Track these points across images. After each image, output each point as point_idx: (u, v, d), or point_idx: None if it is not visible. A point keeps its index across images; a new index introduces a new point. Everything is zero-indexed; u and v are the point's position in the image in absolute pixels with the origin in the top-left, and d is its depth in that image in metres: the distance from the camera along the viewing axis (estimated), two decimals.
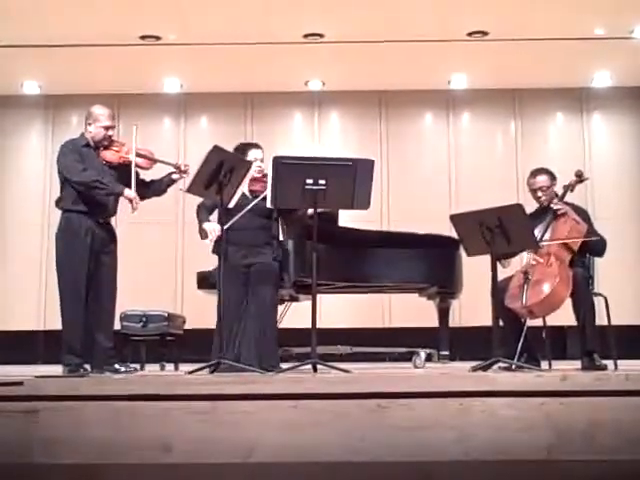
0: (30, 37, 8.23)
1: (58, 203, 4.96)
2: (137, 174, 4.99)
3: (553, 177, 5.26)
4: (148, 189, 5.10)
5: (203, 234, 4.94)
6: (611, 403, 1.91)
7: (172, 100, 9.90)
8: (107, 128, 4.97)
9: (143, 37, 8.37)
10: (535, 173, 5.28)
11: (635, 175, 9.86)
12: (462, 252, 5.73)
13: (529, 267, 4.84)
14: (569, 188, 5.14)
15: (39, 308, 9.42)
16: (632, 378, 2.94)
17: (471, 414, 1.82)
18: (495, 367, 4.60)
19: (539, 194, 5.19)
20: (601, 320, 5.02)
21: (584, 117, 9.99)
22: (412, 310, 7.91)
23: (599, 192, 9.69)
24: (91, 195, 4.84)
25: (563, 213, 4.95)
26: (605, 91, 9.83)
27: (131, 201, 4.84)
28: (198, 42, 8.44)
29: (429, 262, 5.67)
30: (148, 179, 5.14)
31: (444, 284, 6.05)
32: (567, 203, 5.14)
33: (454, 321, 5.42)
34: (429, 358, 6.12)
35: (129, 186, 4.95)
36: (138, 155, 4.96)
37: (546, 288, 4.69)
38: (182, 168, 5.05)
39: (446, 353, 6.10)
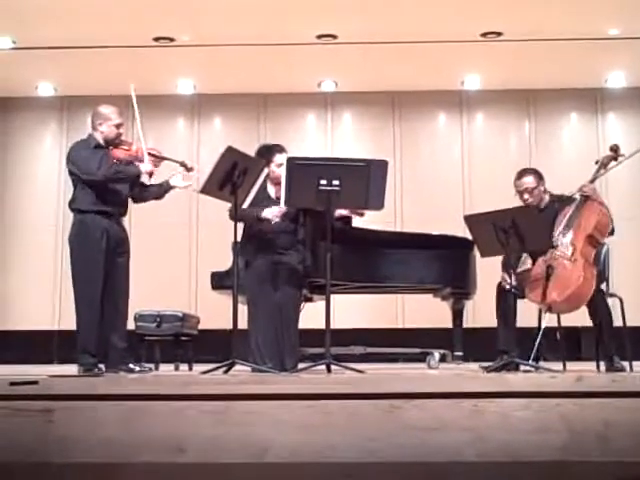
0: (45, 39, 8.28)
1: (71, 204, 4.98)
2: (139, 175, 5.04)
3: (540, 177, 5.14)
4: (149, 192, 5.12)
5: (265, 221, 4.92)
6: (626, 404, 1.90)
7: (186, 101, 9.94)
8: (118, 126, 5.02)
9: (157, 39, 8.41)
10: (521, 174, 5.17)
11: None
12: (476, 253, 5.73)
13: (553, 259, 4.72)
14: (602, 166, 4.96)
15: (54, 308, 9.47)
16: None
17: (485, 415, 1.82)
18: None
19: (525, 196, 5.09)
20: (616, 321, 4.99)
21: (599, 118, 9.94)
22: (426, 311, 7.90)
23: (614, 193, 9.63)
24: (110, 189, 4.88)
25: (588, 196, 4.82)
26: (619, 91, 9.78)
27: (151, 175, 4.89)
28: (211, 43, 8.46)
29: (443, 263, 5.65)
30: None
31: (458, 285, 6.03)
32: (562, 197, 5.05)
33: (468, 322, 5.39)
34: (443, 359, 6.11)
35: (136, 185, 5.00)
36: (148, 154, 4.99)
37: (570, 288, 4.59)
38: (188, 166, 5.07)
39: (460, 354, 6.08)
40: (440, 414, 1.79)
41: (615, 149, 5.02)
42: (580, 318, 4.99)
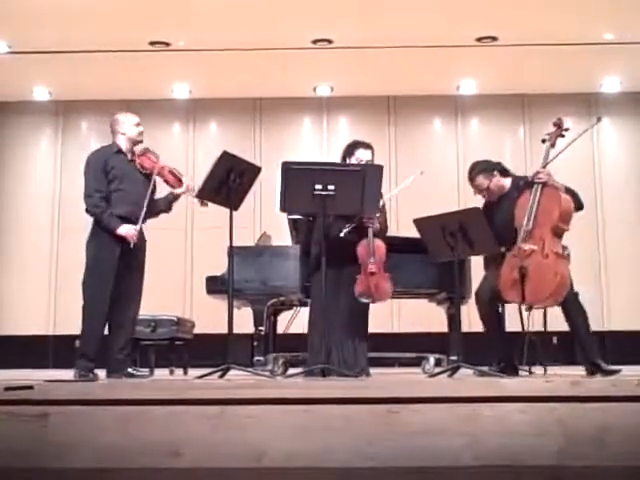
0: (40, 43, 8.28)
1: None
2: (154, 189, 5.03)
3: (489, 171, 5.02)
4: (155, 206, 5.11)
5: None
6: (622, 409, 1.90)
7: (181, 106, 9.94)
8: (137, 124, 5.06)
9: (152, 43, 8.41)
10: (470, 177, 5.08)
11: None
12: (472, 257, 5.72)
13: (524, 257, 4.54)
14: (550, 146, 4.80)
15: (48, 312, 9.45)
16: None
17: (481, 419, 1.82)
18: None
19: (485, 195, 5.06)
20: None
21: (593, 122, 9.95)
22: (421, 315, 7.90)
23: (608, 196, 9.68)
24: (128, 196, 4.89)
25: (544, 183, 4.66)
26: (614, 96, 9.81)
27: (126, 237, 4.82)
28: (207, 48, 8.47)
29: (438, 267, 5.64)
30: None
31: (453, 289, 6.03)
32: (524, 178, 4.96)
33: (463, 326, 5.40)
34: (438, 363, 6.10)
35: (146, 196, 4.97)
36: (170, 172, 5.02)
37: (549, 288, 4.50)
38: (203, 201, 5.05)
39: (455, 358, 6.07)
40: (437, 419, 1.78)
41: (559, 124, 4.83)
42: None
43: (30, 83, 9.54)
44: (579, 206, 4.79)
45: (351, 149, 4.98)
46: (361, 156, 4.92)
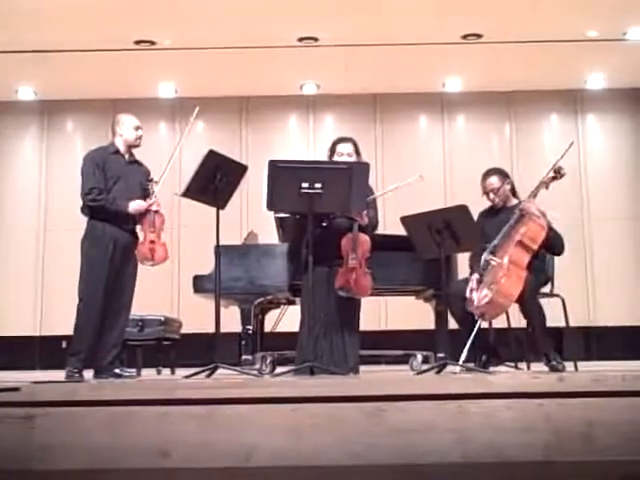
0: (25, 43, 8.23)
1: (83, 210, 4.99)
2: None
3: (505, 176, 5.20)
4: None
5: None
6: (609, 404, 1.91)
7: (167, 105, 9.90)
8: (137, 128, 5.10)
9: (138, 42, 8.38)
10: (486, 175, 5.21)
11: (629, 175, 9.90)
12: (458, 255, 5.74)
13: (485, 269, 4.75)
14: (543, 185, 4.95)
15: (35, 314, 9.40)
16: (628, 379, 2.95)
17: (469, 416, 1.82)
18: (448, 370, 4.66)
19: (491, 196, 5.15)
20: (559, 322, 5.03)
21: (578, 119, 10.01)
22: (409, 313, 7.91)
23: (594, 193, 9.73)
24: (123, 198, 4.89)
25: (524, 214, 4.79)
26: (599, 93, 9.86)
27: (147, 212, 4.91)
28: (193, 47, 8.45)
29: (425, 265, 5.66)
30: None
31: (440, 287, 6.04)
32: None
33: (450, 323, 5.42)
34: (426, 361, 6.12)
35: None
36: (157, 212, 5.04)
37: (490, 291, 4.59)
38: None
39: (442, 355, 6.08)
40: (425, 416, 1.79)
41: (558, 170, 5.01)
42: (562, 319, 5.03)
43: (15, 83, 9.48)
44: (559, 247, 4.93)
45: (333, 146, 5.01)
46: (341, 150, 4.93)
